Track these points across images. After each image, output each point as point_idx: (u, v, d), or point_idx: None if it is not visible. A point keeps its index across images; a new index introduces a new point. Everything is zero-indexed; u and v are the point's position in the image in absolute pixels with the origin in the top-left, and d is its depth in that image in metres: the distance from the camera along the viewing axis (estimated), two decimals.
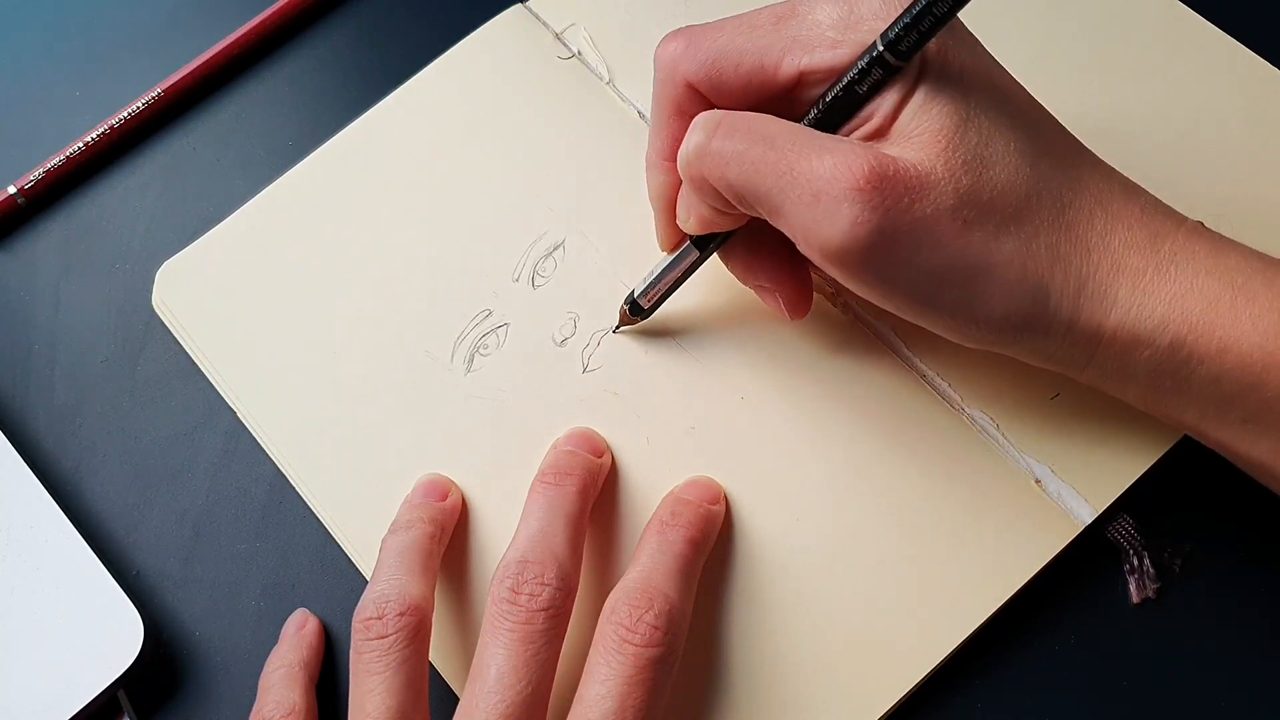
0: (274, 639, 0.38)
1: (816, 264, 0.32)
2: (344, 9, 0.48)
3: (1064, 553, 0.36)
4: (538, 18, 0.45)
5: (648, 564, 0.34)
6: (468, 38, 0.45)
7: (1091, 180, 0.32)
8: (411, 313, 0.40)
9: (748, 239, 0.36)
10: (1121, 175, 0.33)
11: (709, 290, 0.40)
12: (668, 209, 0.36)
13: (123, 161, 0.45)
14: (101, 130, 0.45)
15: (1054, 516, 0.36)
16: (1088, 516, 0.36)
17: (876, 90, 0.30)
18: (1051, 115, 0.33)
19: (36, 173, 0.44)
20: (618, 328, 0.39)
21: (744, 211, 0.33)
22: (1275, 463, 0.32)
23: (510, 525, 0.35)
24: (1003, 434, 0.37)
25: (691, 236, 0.36)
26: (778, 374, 0.38)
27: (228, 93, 0.46)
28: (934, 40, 0.30)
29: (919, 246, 0.30)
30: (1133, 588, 0.36)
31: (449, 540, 0.37)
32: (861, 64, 0.30)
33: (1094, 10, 0.43)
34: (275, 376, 0.40)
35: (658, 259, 0.38)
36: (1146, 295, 0.31)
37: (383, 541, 0.35)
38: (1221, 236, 0.32)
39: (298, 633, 0.37)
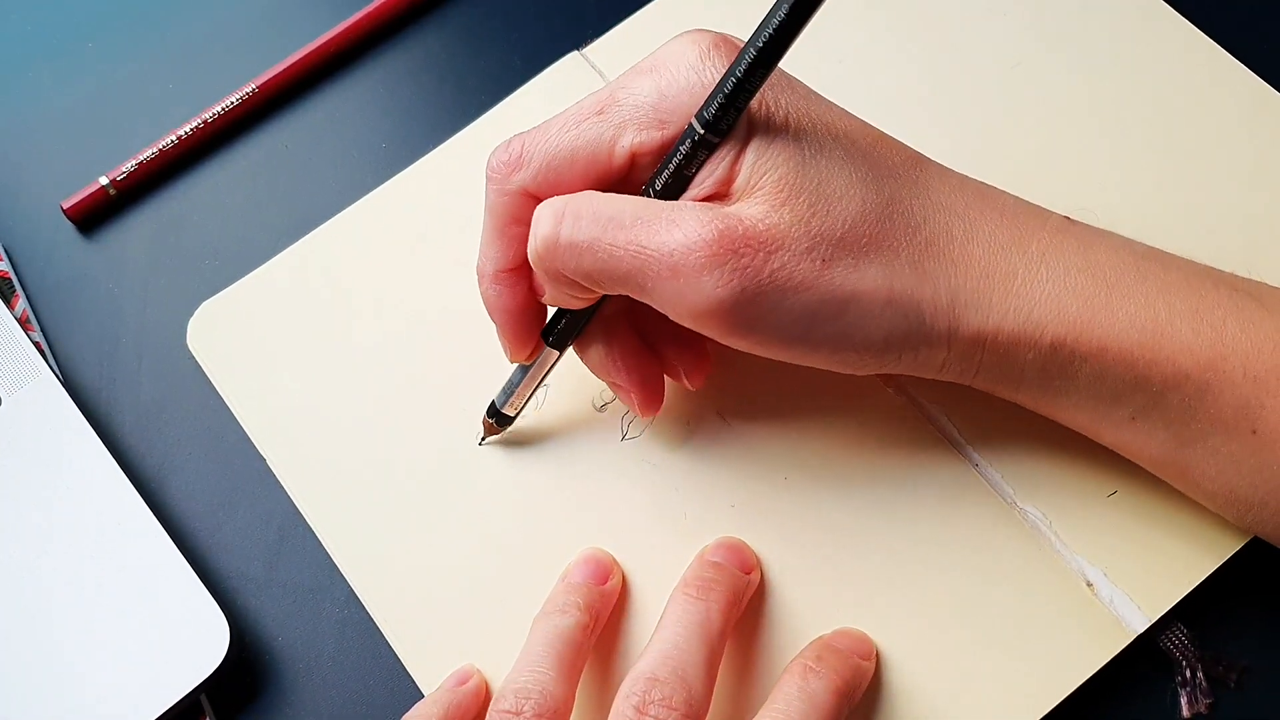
0: (358, 647, 0.37)
1: (691, 328, 0.31)
2: (441, 11, 0.47)
3: (1112, 660, 0.34)
4: (594, 67, 0.44)
5: (783, 710, 0.32)
6: (525, 86, 0.44)
7: (940, 192, 0.32)
8: (449, 368, 0.40)
9: (603, 332, 0.35)
10: (975, 181, 0.33)
11: (755, 361, 0.38)
12: (513, 321, 0.35)
13: (215, 156, 0.45)
14: (195, 124, 0.44)
15: (1104, 623, 0.34)
16: (1140, 625, 0.34)
17: (704, 163, 0.31)
18: (885, 134, 0.33)
19: (129, 164, 0.44)
20: (483, 440, 0.38)
21: (604, 293, 0.32)
22: (1173, 457, 0.33)
23: (546, 588, 0.35)
24: (1055, 532, 0.36)
25: (547, 338, 0.35)
26: (825, 455, 0.37)
27: (322, 91, 0.46)
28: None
29: (784, 295, 0.30)
30: (1184, 701, 0.35)
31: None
32: (685, 148, 0.30)
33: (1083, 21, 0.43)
34: (306, 429, 0.39)
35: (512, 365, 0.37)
36: (1021, 298, 0.31)
37: (534, 622, 0.34)
38: (1090, 229, 0.33)
39: (453, 688, 0.35)
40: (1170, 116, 0.41)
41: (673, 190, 0.31)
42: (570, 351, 0.36)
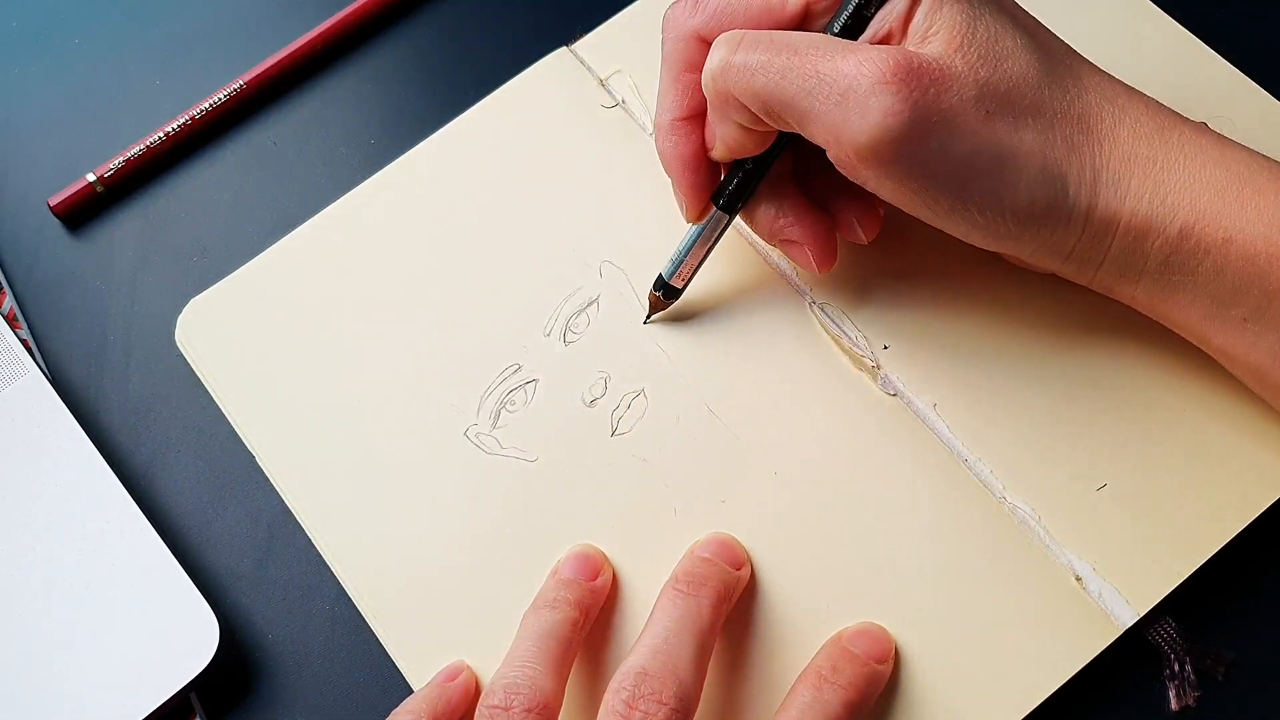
0: (348, 643, 0.37)
1: (849, 168, 0.32)
2: (429, 7, 0.47)
3: (1101, 654, 0.34)
4: (582, 62, 0.44)
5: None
6: (512, 81, 0.44)
7: (1093, 78, 0.33)
8: (439, 363, 0.40)
9: (771, 195, 0.36)
10: (1120, 80, 0.34)
11: (745, 356, 0.39)
12: (688, 170, 0.36)
13: (203, 153, 0.45)
14: (182, 121, 0.44)
15: (1093, 617, 0.34)
16: (1129, 619, 0.34)
17: (884, 3, 0.32)
18: (1045, 25, 0.34)
19: (116, 161, 0.44)
20: (649, 317, 0.39)
21: (771, 126, 0.33)
22: (1274, 366, 0.33)
23: (536, 584, 0.35)
24: (1043, 527, 0.36)
25: (717, 201, 0.36)
26: (814, 450, 0.37)
27: (310, 87, 0.46)
28: None
29: (949, 136, 0.31)
30: (1172, 695, 0.35)
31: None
32: None
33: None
34: (296, 425, 0.39)
35: (681, 234, 0.37)
36: (1158, 184, 0.32)
37: (523, 617, 0.34)
38: (1225, 136, 0.34)
39: (443, 684, 0.35)
40: None
41: (851, 32, 0.32)
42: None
